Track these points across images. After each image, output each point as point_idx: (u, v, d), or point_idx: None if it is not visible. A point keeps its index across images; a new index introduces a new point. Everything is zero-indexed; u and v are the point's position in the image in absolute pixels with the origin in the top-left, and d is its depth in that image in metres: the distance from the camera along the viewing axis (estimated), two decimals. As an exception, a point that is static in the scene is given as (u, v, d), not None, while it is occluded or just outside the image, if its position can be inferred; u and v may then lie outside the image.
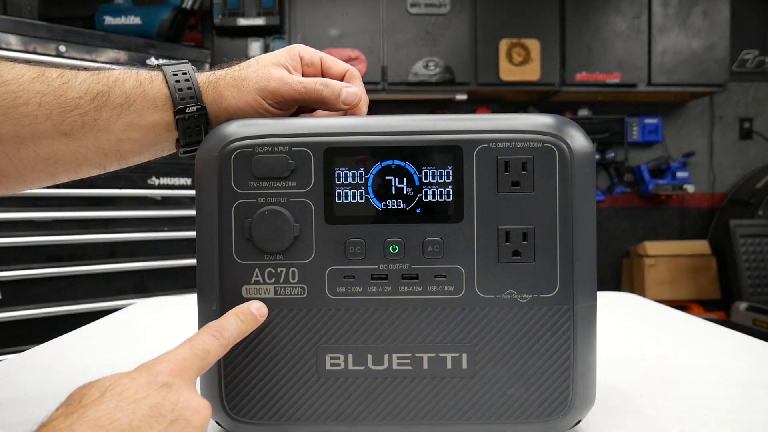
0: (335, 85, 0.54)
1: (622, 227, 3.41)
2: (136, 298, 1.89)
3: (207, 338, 0.41)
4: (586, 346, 0.47)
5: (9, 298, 1.73)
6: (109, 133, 0.51)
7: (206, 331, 0.42)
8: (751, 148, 3.45)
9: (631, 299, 1.15)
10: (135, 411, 0.34)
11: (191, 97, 0.52)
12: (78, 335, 0.89)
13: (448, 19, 2.95)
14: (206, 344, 0.41)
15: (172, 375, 0.37)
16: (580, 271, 0.47)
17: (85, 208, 1.86)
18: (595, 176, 0.48)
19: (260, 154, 0.47)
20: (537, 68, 2.94)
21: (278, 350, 0.47)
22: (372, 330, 0.47)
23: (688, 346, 0.80)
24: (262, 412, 0.48)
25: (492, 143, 0.46)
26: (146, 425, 0.33)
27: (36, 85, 0.49)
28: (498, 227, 0.46)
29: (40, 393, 0.61)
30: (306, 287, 0.47)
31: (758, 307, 2.67)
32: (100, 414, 0.33)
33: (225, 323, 0.43)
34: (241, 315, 0.45)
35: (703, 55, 3.03)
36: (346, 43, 2.94)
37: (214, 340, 0.41)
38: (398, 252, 0.47)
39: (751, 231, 2.98)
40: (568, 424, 0.48)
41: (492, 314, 0.47)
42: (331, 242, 0.47)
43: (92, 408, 0.33)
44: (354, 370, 0.47)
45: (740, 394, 0.59)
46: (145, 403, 0.34)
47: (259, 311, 0.46)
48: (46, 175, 0.53)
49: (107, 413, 0.33)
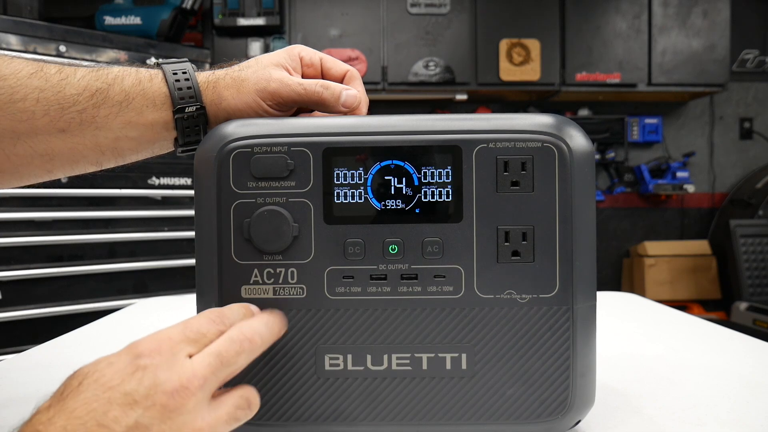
0: (335, 88, 0.53)
1: (622, 227, 3.41)
2: (136, 298, 1.89)
3: (204, 321, 0.39)
4: (585, 347, 0.47)
5: (9, 298, 1.73)
6: (107, 131, 0.51)
7: (205, 314, 0.41)
8: (751, 148, 3.44)
9: (631, 299, 1.15)
10: (110, 399, 0.33)
11: (191, 97, 0.52)
12: (78, 335, 0.89)
13: (448, 19, 2.95)
14: (202, 327, 0.39)
15: (151, 355, 0.35)
16: (579, 271, 0.47)
17: (85, 208, 1.86)
18: (595, 176, 0.48)
19: (259, 154, 0.47)
20: (537, 68, 2.94)
21: (277, 351, 0.47)
22: (371, 330, 0.47)
23: (688, 346, 0.79)
24: (262, 413, 0.48)
25: (491, 143, 0.46)
26: (122, 414, 0.33)
27: (34, 81, 0.49)
28: (497, 227, 0.46)
29: (40, 393, 0.61)
30: (305, 287, 0.47)
31: (758, 307, 2.67)
32: (77, 404, 0.33)
33: (227, 311, 0.42)
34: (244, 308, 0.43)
35: (703, 55, 3.03)
36: (346, 43, 2.94)
37: (211, 324, 0.39)
38: (397, 252, 0.47)
39: (751, 231, 2.98)
40: (568, 424, 0.48)
41: (491, 314, 0.47)
42: (330, 242, 0.47)
43: (71, 399, 0.33)
44: (353, 371, 0.47)
45: (740, 394, 0.59)
46: (119, 391, 0.33)
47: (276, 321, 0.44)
48: (42, 171, 0.53)
49: (84, 403, 0.33)
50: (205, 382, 0.36)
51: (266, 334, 0.41)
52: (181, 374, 0.35)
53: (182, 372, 0.35)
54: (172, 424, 0.34)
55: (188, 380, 0.35)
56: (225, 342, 0.38)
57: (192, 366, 0.36)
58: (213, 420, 0.37)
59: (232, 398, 0.39)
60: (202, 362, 0.37)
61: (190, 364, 0.36)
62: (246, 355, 0.39)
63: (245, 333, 0.39)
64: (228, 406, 0.38)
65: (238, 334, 0.39)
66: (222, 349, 0.38)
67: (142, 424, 0.33)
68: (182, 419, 0.35)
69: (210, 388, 0.37)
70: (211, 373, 0.37)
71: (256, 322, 0.41)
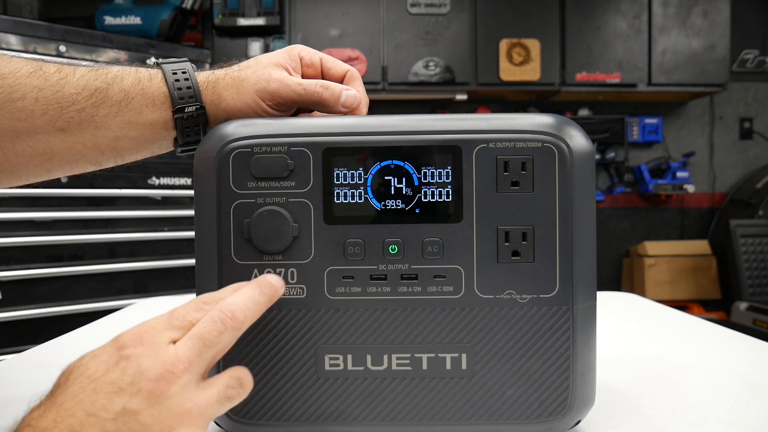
0: (335, 88, 0.53)
1: (622, 227, 3.41)
2: (136, 298, 1.89)
3: (190, 308, 0.39)
4: (585, 347, 0.47)
5: (9, 298, 1.73)
6: (106, 130, 0.51)
7: (193, 302, 0.40)
8: (751, 148, 3.44)
9: (631, 299, 1.15)
10: (96, 389, 0.34)
11: (190, 97, 0.52)
12: (78, 335, 0.89)
13: (448, 19, 2.95)
14: (188, 315, 0.39)
15: (133, 345, 0.36)
16: (579, 271, 0.47)
17: (85, 208, 1.86)
18: (595, 176, 0.48)
19: (259, 154, 0.47)
20: (537, 68, 2.94)
21: (277, 351, 0.47)
22: (371, 330, 0.47)
23: (688, 346, 0.79)
24: (262, 413, 0.48)
25: (491, 143, 0.46)
26: (109, 402, 0.33)
27: (33, 80, 0.49)
28: (497, 227, 0.46)
29: (40, 393, 0.61)
30: (305, 287, 0.47)
31: (758, 307, 2.67)
32: (66, 398, 0.33)
33: (219, 294, 0.41)
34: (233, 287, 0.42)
35: (703, 55, 3.03)
36: (346, 43, 2.94)
37: (199, 311, 0.39)
38: (397, 252, 0.47)
39: (751, 231, 2.98)
40: (568, 424, 0.48)
41: (491, 314, 0.47)
42: (330, 242, 0.47)
43: (60, 394, 0.34)
44: (353, 371, 0.47)
45: (740, 394, 0.59)
46: (104, 380, 0.34)
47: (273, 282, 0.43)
48: (41, 170, 0.53)
49: (72, 396, 0.33)
50: (190, 365, 0.36)
51: (251, 307, 0.40)
52: (165, 360, 0.35)
53: (165, 358, 0.35)
54: (161, 408, 0.34)
55: (172, 365, 0.35)
56: (206, 323, 0.38)
57: (175, 350, 0.36)
58: (203, 401, 0.36)
59: (222, 378, 0.39)
60: (186, 345, 0.37)
61: (174, 349, 0.36)
62: (230, 333, 0.39)
63: (226, 311, 0.39)
64: (219, 386, 0.38)
65: (218, 313, 0.39)
66: (203, 330, 0.38)
67: (130, 409, 0.33)
68: (170, 402, 0.35)
69: (197, 370, 0.37)
70: (195, 355, 0.36)
71: (240, 297, 0.40)
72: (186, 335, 0.37)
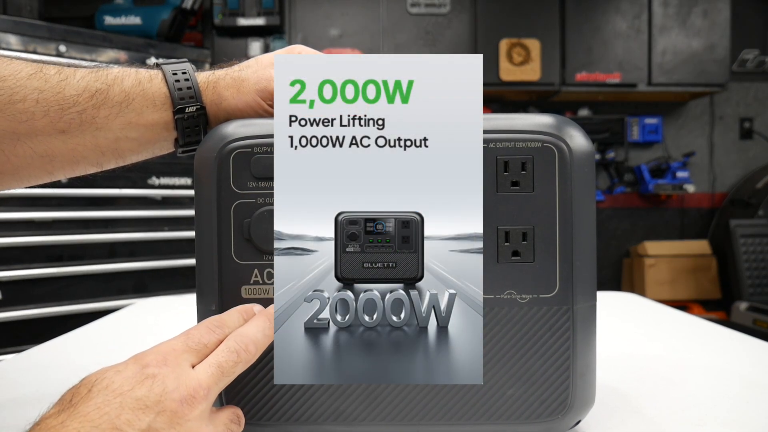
0: None
1: (622, 227, 3.41)
2: (136, 298, 1.89)
3: (204, 331, 0.41)
4: (585, 347, 0.47)
5: (9, 298, 1.73)
6: (107, 132, 0.51)
7: (204, 324, 0.42)
8: (751, 148, 3.44)
9: (631, 299, 1.15)
10: (122, 404, 0.34)
11: (191, 97, 0.52)
12: (78, 335, 0.89)
13: (448, 19, 2.95)
14: (203, 337, 0.40)
15: (158, 365, 0.37)
16: (579, 271, 0.47)
17: (85, 208, 1.86)
18: (595, 176, 0.48)
19: (259, 155, 0.47)
20: (537, 68, 2.94)
21: (278, 350, 0.47)
22: (371, 330, 0.47)
23: (688, 346, 0.80)
24: (262, 413, 0.48)
25: (491, 143, 0.46)
26: (135, 417, 0.34)
27: (33, 82, 0.49)
28: (497, 227, 0.46)
29: (40, 393, 0.61)
30: (305, 287, 0.47)
31: (758, 307, 2.67)
32: (89, 409, 0.34)
33: (226, 318, 0.43)
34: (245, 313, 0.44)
35: (703, 55, 3.03)
36: (346, 43, 2.94)
37: (211, 334, 0.41)
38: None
39: (751, 231, 2.97)
40: (568, 424, 0.48)
41: (491, 314, 0.47)
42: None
43: (82, 404, 0.34)
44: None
45: (740, 394, 0.59)
46: (131, 396, 0.35)
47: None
48: (42, 172, 0.53)
49: (96, 407, 0.34)
50: (209, 392, 0.38)
51: (261, 341, 0.42)
52: (188, 384, 0.37)
53: (189, 382, 0.37)
54: (180, 430, 0.36)
55: (194, 390, 0.37)
56: (224, 352, 0.40)
57: (197, 376, 0.38)
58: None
59: (226, 413, 0.42)
60: (206, 372, 0.39)
61: (195, 374, 0.38)
62: (243, 365, 0.41)
63: (241, 342, 0.41)
64: (225, 420, 0.41)
65: (234, 344, 0.41)
66: (222, 359, 0.40)
67: (154, 428, 0.35)
68: (188, 426, 0.36)
69: (212, 398, 0.39)
70: (214, 383, 0.39)
71: (252, 329, 0.42)
72: (205, 362, 0.39)
